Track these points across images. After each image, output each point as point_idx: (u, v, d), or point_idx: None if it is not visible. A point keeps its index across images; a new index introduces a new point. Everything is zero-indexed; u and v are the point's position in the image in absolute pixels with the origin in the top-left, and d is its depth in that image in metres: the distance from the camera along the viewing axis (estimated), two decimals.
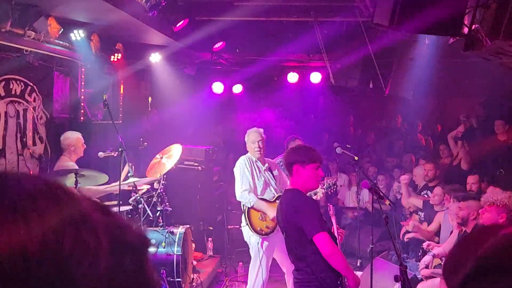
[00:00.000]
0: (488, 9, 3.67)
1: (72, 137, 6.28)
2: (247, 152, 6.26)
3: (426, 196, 7.49)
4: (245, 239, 6.23)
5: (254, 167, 6.06)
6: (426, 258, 6.00)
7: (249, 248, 6.17)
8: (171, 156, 6.71)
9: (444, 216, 6.62)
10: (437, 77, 8.85)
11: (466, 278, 0.71)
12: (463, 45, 4.01)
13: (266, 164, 6.21)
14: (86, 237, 0.59)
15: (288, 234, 3.92)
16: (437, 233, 6.82)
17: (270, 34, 8.49)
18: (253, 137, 6.18)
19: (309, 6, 7.16)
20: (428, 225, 7.03)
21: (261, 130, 6.32)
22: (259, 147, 6.09)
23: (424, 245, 6.30)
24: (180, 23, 7.06)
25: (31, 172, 6.28)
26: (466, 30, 3.97)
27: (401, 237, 7.34)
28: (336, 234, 4.20)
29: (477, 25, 3.83)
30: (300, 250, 3.82)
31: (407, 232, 7.26)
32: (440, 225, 6.75)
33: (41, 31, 5.83)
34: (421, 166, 7.99)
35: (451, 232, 6.07)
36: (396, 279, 3.56)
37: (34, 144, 6.39)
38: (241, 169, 6.01)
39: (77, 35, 6.44)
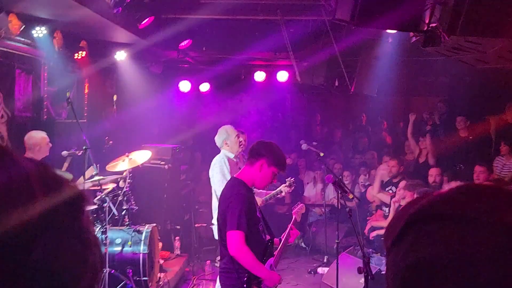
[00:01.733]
0: (445, 6, 3.78)
1: (37, 137, 6.13)
2: (215, 150, 6.24)
3: (390, 191, 7.63)
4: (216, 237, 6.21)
5: (232, 166, 6.04)
6: None
7: (218, 246, 6.12)
8: (136, 160, 6.61)
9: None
10: (400, 75, 9.04)
11: (398, 236, 0.73)
12: (423, 41, 4.12)
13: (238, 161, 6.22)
14: (18, 183, 0.59)
15: (219, 221, 3.87)
16: None
17: (237, 32, 8.50)
18: (233, 134, 6.12)
19: (275, 5, 7.21)
20: None
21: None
22: (241, 142, 6.10)
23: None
24: (146, 20, 7.00)
25: None
26: (425, 26, 4.07)
27: (366, 232, 7.45)
28: (286, 234, 4.16)
29: (435, 22, 3.94)
30: (223, 237, 3.78)
31: (373, 228, 7.38)
32: None
33: (2, 27, 5.71)
34: (385, 162, 8.14)
35: None
36: (359, 270, 3.62)
37: None
38: (221, 168, 5.91)
39: (39, 32, 6.32)
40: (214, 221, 6.19)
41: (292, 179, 6.30)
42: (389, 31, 6.20)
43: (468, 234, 0.67)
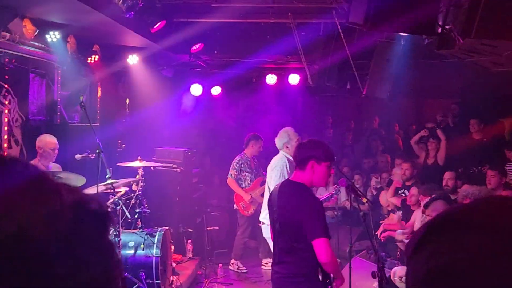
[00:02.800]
0: (460, 9, 3.75)
1: (44, 140, 6.20)
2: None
3: (403, 195, 7.58)
4: (266, 235, 6.34)
5: (292, 168, 6.14)
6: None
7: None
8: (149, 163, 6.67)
9: (421, 215, 6.70)
10: (413, 77, 8.95)
11: (418, 242, 0.74)
12: (437, 44, 4.09)
13: None
14: (49, 197, 0.61)
15: (282, 226, 3.76)
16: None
17: (248, 36, 8.50)
18: (294, 138, 6.26)
19: (287, 8, 7.20)
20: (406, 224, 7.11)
21: None
22: None
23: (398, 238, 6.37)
24: (158, 24, 7.04)
25: None
26: (439, 29, 4.05)
27: (379, 236, 7.40)
28: None
29: (450, 25, 3.91)
30: (291, 244, 3.68)
31: (385, 231, 7.33)
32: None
33: (16, 32, 5.76)
34: (398, 165, 8.09)
35: None
36: (374, 275, 3.60)
37: (10, 147, 6.29)
38: (282, 169, 6.07)
39: (53, 36, 6.39)
40: (263, 219, 6.27)
41: (338, 187, 6.37)
42: (402, 34, 6.18)
43: (488, 241, 0.67)
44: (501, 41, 3.86)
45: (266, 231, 6.32)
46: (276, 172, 6.09)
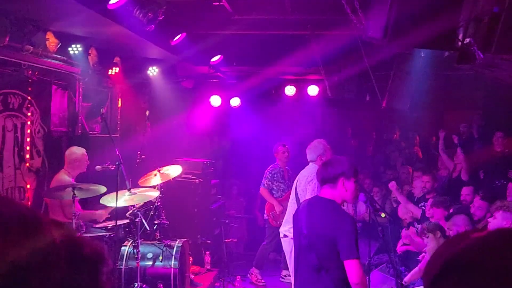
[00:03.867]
0: (480, 23, 3.71)
1: (78, 153, 6.29)
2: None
3: (423, 207, 7.48)
4: (287, 249, 6.26)
5: None
6: None
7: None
8: (168, 175, 6.67)
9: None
10: (433, 89, 8.89)
11: (434, 278, 0.74)
12: (456, 58, 4.05)
13: None
14: (46, 249, 0.63)
15: (312, 243, 3.68)
16: None
17: (268, 47, 8.53)
18: (329, 150, 6.17)
19: (306, 20, 7.21)
20: None
21: None
22: None
23: (420, 257, 6.28)
24: (178, 37, 7.11)
25: (29, 186, 6.29)
26: (459, 43, 4.01)
27: (398, 250, 7.31)
28: None
29: (470, 39, 3.87)
30: (320, 262, 3.61)
31: (404, 245, 7.24)
32: None
33: (39, 45, 5.89)
34: (418, 178, 8.00)
35: None
36: None
37: (32, 158, 6.40)
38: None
39: (75, 49, 6.51)
40: (286, 232, 6.20)
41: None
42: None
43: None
44: None
45: (288, 245, 6.23)
46: (314, 185, 5.94)
